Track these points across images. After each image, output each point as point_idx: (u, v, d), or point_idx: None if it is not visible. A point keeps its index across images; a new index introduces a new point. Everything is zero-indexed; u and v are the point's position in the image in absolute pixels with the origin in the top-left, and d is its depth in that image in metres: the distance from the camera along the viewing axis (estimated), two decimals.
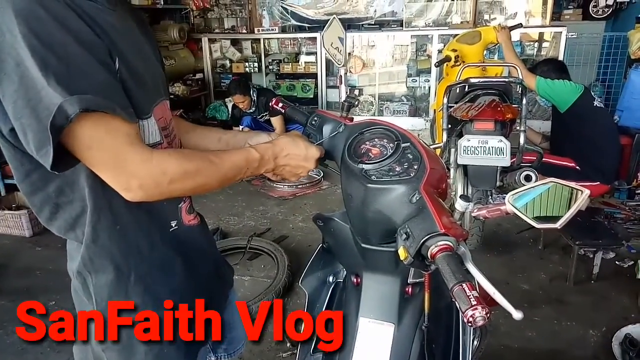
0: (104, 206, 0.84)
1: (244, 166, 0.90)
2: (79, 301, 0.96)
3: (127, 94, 0.78)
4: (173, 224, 0.96)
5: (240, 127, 4.82)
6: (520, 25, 3.96)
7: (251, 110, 4.80)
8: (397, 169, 0.90)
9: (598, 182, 2.98)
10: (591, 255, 2.72)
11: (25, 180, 0.85)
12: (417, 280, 0.99)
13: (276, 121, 4.69)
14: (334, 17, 5.12)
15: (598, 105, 3.07)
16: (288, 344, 2.18)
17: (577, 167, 3.01)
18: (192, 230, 1.01)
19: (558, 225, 0.72)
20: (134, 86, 0.80)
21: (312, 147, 1.00)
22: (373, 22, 5.74)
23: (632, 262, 2.78)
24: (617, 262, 2.83)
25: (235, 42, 6.34)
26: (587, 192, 0.69)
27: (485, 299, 0.64)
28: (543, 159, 2.63)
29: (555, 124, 3.30)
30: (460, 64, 3.38)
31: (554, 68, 3.14)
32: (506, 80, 2.87)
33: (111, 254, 0.88)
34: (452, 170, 2.57)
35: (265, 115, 4.81)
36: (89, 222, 0.85)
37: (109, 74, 0.74)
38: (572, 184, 0.72)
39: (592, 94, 3.14)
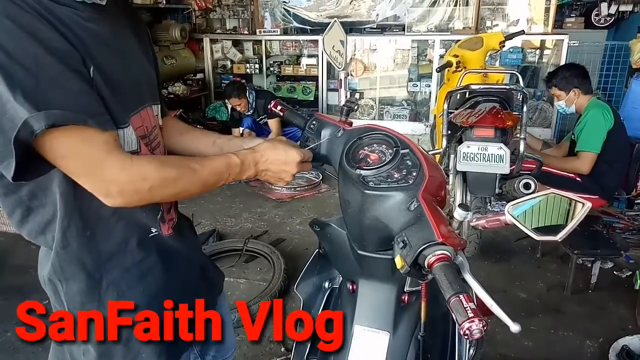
0: (74, 212, 0.83)
1: (225, 172, 0.90)
2: (54, 308, 0.94)
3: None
4: (153, 230, 0.94)
5: (241, 128, 4.80)
6: (522, 33, 3.95)
7: (249, 113, 4.78)
8: (396, 176, 0.89)
9: (597, 196, 2.91)
10: (589, 265, 2.71)
11: None
12: (414, 289, 0.98)
13: (273, 124, 4.64)
14: (335, 21, 5.10)
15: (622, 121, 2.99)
16: (282, 349, 2.16)
17: (578, 179, 2.93)
18: (173, 238, 0.99)
19: (558, 238, 0.70)
20: (110, 96, 0.79)
21: (292, 150, 0.99)
22: (375, 26, 5.74)
23: (630, 273, 2.76)
24: (615, 272, 2.81)
25: (236, 43, 6.34)
26: (588, 204, 0.68)
27: (481, 308, 0.63)
28: (543, 167, 2.62)
29: None
30: (461, 70, 3.37)
31: (575, 74, 3.05)
32: (507, 87, 2.86)
33: (82, 261, 0.86)
34: (451, 177, 2.56)
35: (264, 117, 4.78)
36: (58, 229, 0.83)
37: (83, 83, 0.73)
38: (573, 196, 0.71)
39: (616, 110, 3.02)
